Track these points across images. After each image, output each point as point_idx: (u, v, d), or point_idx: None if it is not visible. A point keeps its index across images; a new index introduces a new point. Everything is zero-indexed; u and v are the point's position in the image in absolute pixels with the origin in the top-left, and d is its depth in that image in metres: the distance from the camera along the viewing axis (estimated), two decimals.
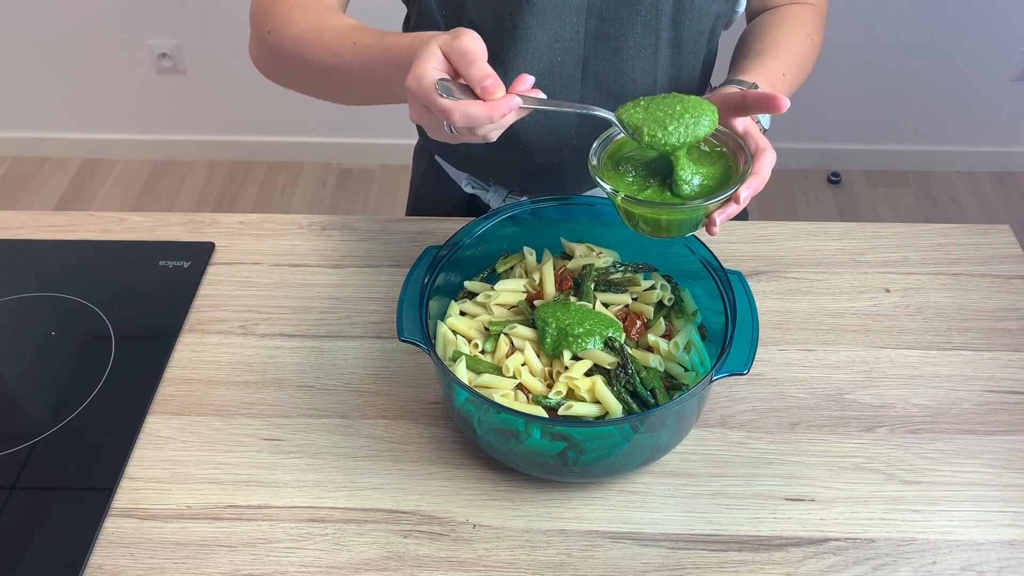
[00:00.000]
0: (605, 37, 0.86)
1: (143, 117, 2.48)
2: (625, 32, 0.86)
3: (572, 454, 0.70)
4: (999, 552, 0.71)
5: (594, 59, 0.88)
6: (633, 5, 0.84)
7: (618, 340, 0.74)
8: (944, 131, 2.35)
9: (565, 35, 0.86)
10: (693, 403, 0.71)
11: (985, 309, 0.90)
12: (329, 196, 2.44)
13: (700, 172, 0.71)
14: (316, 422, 0.81)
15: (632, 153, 0.74)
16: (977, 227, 0.99)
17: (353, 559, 0.71)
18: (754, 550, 0.71)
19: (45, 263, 0.97)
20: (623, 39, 0.86)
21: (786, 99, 0.68)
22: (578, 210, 0.85)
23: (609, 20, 0.85)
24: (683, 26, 0.87)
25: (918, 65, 2.20)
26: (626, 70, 0.89)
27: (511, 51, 0.86)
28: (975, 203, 2.33)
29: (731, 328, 0.71)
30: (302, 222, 1.01)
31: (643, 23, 0.86)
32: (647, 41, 0.87)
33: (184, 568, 0.70)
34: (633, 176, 0.72)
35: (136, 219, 1.02)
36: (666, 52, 0.89)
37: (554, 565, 0.70)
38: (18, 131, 2.54)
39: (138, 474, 0.77)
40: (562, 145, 0.94)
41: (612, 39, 0.86)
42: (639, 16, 0.85)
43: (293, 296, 0.93)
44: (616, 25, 0.85)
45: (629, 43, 0.87)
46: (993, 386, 0.77)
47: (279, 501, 0.75)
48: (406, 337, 0.70)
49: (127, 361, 0.86)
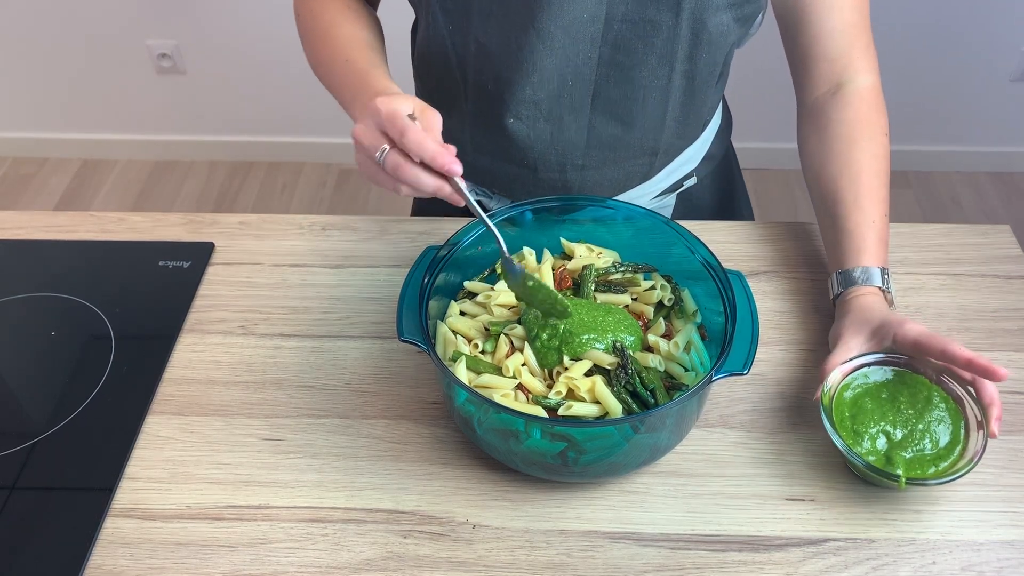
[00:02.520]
0: (618, 66, 0.85)
1: (143, 117, 2.48)
2: (639, 63, 0.85)
3: (572, 454, 0.70)
4: (999, 552, 0.71)
5: (606, 86, 0.87)
6: (650, 37, 0.83)
7: (621, 341, 0.75)
8: (944, 131, 2.35)
9: (577, 62, 0.84)
10: (693, 403, 0.71)
11: (985, 309, 0.90)
12: (329, 196, 2.44)
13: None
14: (316, 422, 0.81)
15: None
16: (977, 227, 0.99)
17: (353, 559, 0.71)
18: (754, 550, 0.71)
19: (45, 263, 0.97)
20: (637, 69, 0.85)
21: (1005, 371, 0.69)
22: (578, 211, 0.85)
23: (624, 50, 0.84)
24: (699, 59, 0.86)
25: (918, 65, 2.20)
26: (638, 98, 0.88)
27: (517, 73, 0.85)
28: (975, 203, 2.33)
29: (731, 328, 0.71)
30: (302, 222, 1.01)
31: (658, 55, 0.84)
32: (661, 72, 0.86)
33: (184, 568, 0.70)
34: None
35: (136, 219, 1.02)
36: (680, 82, 0.88)
37: (554, 565, 0.70)
38: (18, 131, 2.54)
39: (138, 474, 0.77)
40: (566, 163, 0.93)
41: (626, 68, 0.85)
42: (655, 48, 0.84)
43: (293, 296, 0.93)
44: (631, 55, 0.84)
45: (643, 73, 0.86)
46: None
47: (279, 501, 0.75)
48: (406, 337, 0.70)
49: (127, 361, 0.86)
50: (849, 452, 0.70)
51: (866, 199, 0.84)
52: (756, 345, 0.70)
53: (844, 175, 0.86)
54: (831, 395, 0.74)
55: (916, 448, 0.71)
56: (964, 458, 0.70)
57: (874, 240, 0.83)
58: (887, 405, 0.74)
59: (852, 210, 0.84)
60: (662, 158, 0.96)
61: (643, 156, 0.94)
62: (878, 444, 0.72)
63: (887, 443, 0.72)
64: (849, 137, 0.87)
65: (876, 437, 0.72)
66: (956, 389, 0.74)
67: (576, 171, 0.94)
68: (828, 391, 0.74)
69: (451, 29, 0.87)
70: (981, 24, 2.13)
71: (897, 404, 0.74)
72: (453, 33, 0.87)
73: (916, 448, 0.71)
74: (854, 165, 0.86)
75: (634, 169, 0.95)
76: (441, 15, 0.86)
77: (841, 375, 0.75)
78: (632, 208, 0.83)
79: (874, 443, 0.72)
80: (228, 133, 2.52)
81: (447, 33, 0.87)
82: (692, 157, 1.00)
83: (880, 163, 0.87)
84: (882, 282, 0.81)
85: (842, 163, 0.86)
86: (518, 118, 0.89)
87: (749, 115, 1.34)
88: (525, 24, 0.82)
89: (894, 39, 2.15)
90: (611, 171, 0.95)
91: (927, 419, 0.73)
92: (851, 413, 0.74)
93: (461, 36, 0.86)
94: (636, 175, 0.96)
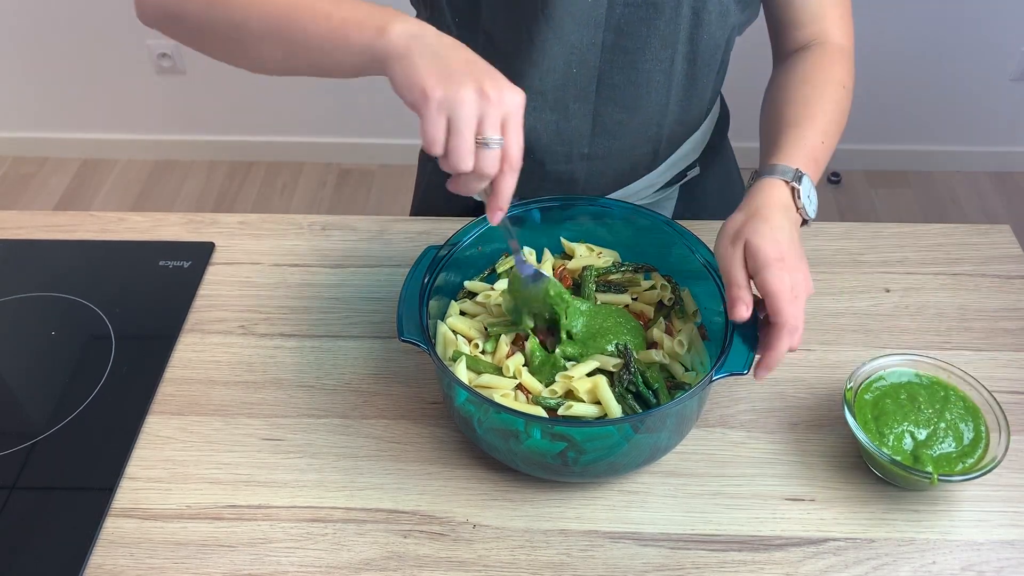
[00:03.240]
0: (622, 51, 0.85)
1: (143, 117, 2.48)
2: (642, 46, 0.85)
3: (572, 454, 0.70)
4: (999, 552, 0.71)
5: (610, 72, 0.87)
6: (652, 20, 0.83)
7: (625, 343, 0.75)
8: (944, 131, 2.35)
9: (582, 47, 0.85)
10: (693, 403, 0.71)
11: (985, 309, 0.90)
12: (329, 196, 2.44)
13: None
14: (316, 422, 0.81)
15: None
16: (977, 227, 0.99)
17: (353, 559, 0.71)
18: (754, 550, 0.71)
19: (45, 263, 0.97)
20: (640, 53, 0.85)
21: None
22: (579, 210, 0.85)
23: (627, 34, 0.84)
24: (700, 40, 0.86)
25: (918, 65, 2.20)
26: (641, 83, 0.88)
27: (525, 62, 0.85)
28: (975, 203, 2.33)
29: (731, 328, 0.71)
30: (302, 222, 1.01)
31: (661, 38, 0.85)
32: (664, 55, 0.86)
33: (184, 568, 0.70)
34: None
35: (136, 219, 1.02)
36: (682, 66, 0.88)
37: (554, 565, 0.70)
38: (18, 131, 2.54)
39: (138, 474, 0.77)
40: (573, 154, 0.93)
41: (629, 53, 0.85)
42: (657, 31, 0.84)
43: (293, 296, 0.93)
44: (634, 39, 0.84)
45: (646, 57, 0.86)
46: (993, 386, 0.77)
47: (279, 501, 0.75)
48: (406, 337, 0.70)
49: (127, 361, 0.86)
50: (878, 450, 0.71)
51: (806, 121, 0.81)
52: (756, 345, 0.70)
53: (789, 105, 0.85)
54: (855, 392, 0.75)
55: (940, 447, 0.72)
56: (988, 455, 0.71)
57: (799, 150, 0.78)
58: (908, 406, 0.74)
59: (786, 128, 0.81)
60: (666, 147, 0.96)
61: (647, 143, 0.94)
62: (904, 444, 0.73)
63: (913, 442, 0.73)
64: (803, 78, 0.87)
65: (902, 437, 0.73)
66: (973, 388, 0.75)
67: (582, 161, 0.94)
68: (851, 388, 0.75)
69: (458, 22, 0.87)
70: (981, 24, 2.13)
71: (917, 404, 0.74)
72: (460, 27, 0.87)
73: (940, 447, 0.72)
74: (800, 99, 0.85)
75: (639, 158, 0.96)
76: (448, 10, 0.86)
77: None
78: (632, 208, 0.83)
79: (900, 443, 0.73)
80: (228, 133, 2.51)
81: (454, 26, 0.87)
82: (694, 147, 1.00)
83: (828, 104, 0.84)
84: (792, 178, 0.75)
85: (789, 97, 0.86)
86: (524, 114, 0.89)
87: (745, 114, 1.34)
88: (535, 11, 0.82)
89: (894, 40, 2.15)
90: (616, 161, 0.95)
91: (948, 418, 0.74)
92: (874, 415, 0.74)
93: (469, 31, 0.86)
94: (641, 165, 0.97)
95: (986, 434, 0.73)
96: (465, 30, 0.86)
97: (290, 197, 2.44)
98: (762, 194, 0.74)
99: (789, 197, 0.74)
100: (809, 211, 0.76)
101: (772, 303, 0.67)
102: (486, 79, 0.63)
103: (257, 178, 2.50)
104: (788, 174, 0.75)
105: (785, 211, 0.73)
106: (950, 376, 0.76)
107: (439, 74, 0.62)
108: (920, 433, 0.73)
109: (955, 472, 0.70)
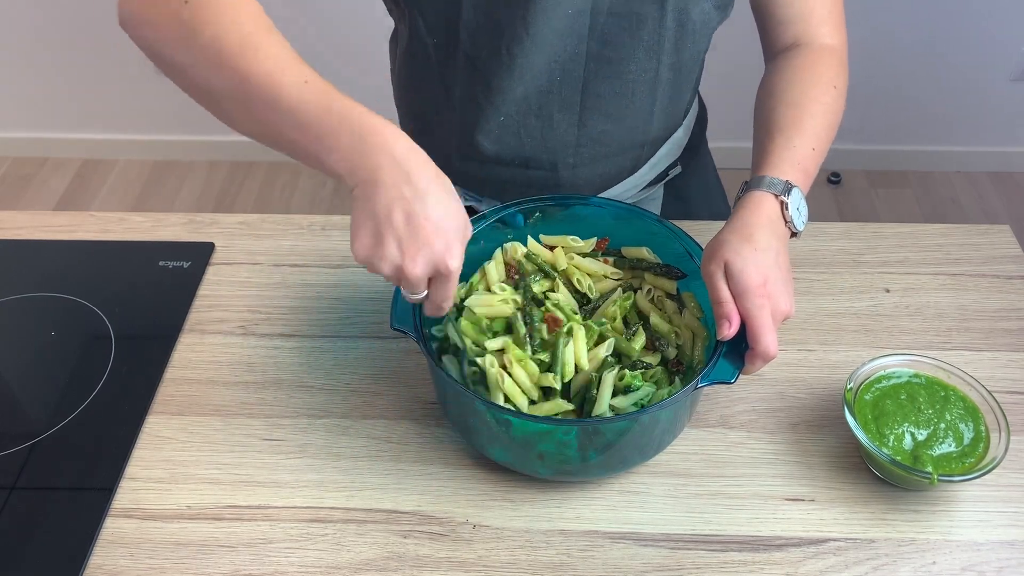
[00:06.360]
0: (607, 61, 0.85)
1: (143, 117, 2.48)
2: (627, 56, 0.85)
3: (573, 452, 0.70)
4: (999, 552, 0.71)
5: (595, 82, 0.86)
6: (636, 30, 0.83)
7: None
8: (944, 131, 2.35)
9: (565, 58, 0.84)
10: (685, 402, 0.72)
11: (985, 309, 0.90)
12: (329, 196, 2.43)
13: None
14: (316, 422, 0.81)
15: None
16: (977, 227, 0.99)
17: (353, 559, 0.71)
18: (754, 550, 0.71)
19: (45, 263, 0.97)
20: (624, 63, 0.85)
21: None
22: (569, 209, 0.85)
23: (611, 44, 0.83)
24: (684, 49, 0.86)
25: (918, 65, 2.20)
26: (626, 93, 0.87)
27: (507, 80, 0.84)
28: (975, 203, 2.33)
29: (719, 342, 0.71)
30: (302, 222, 1.01)
31: (645, 48, 0.84)
32: (649, 65, 0.86)
33: (184, 568, 0.70)
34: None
35: (136, 219, 1.02)
36: (667, 75, 0.88)
37: (554, 565, 0.70)
38: (18, 131, 2.54)
39: (138, 474, 0.77)
40: (558, 162, 0.93)
41: (614, 63, 0.85)
42: (641, 41, 0.84)
43: (293, 296, 0.93)
44: (618, 49, 0.84)
45: (631, 67, 0.85)
46: (993, 386, 0.77)
47: (279, 501, 0.75)
48: (397, 326, 0.70)
49: (127, 361, 0.86)
50: (878, 450, 0.71)
51: (794, 127, 0.80)
52: (742, 360, 0.70)
53: (777, 109, 0.83)
54: (855, 392, 0.75)
55: (940, 447, 0.72)
56: (988, 455, 0.71)
57: (787, 160, 0.78)
58: (908, 406, 0.75)
59: (775, 135, 0.81)
60: (648, 150, 0.96)
61: (632, 150, 0.94)
62: (904, 444, 0.73)
63: (913, 443, 0.73)
64: (792, 79, 0.86)
65: (902, 437, 0.73)
66: (973, 388, 0.75)
67: (567, 169, 0.94)
68: (851, 388, 0.75)
69: (435, 43, 0.86)
70: (981, 24, 2.12)
71: (917, 404, 0.75)
72: (438, 48, 0.86)
73: (940, 447, 0.72)
74: (788, 102, 0.83)
75: (623, 163, 0.96)
76: (424, 30, 0.86)
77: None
78: (632, 207, 0.83)
79: (900, 443, 0.73)
80: (228, 133, 2.49)
81: (431, 47, 0.86)
82: (676, 146, 1.01)
83: (817, 107, 0.83)
84: (780, 191, 0.75)
85: (777, 101, 0.84)
86: (508, 121, 0.89)
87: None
88: (518, 33, 0.81)
89: (894, 40, 2.15)
90: (601, 166, 0.95)
91: (948, 418, 0.74)
92: (874, 415, 0.75)
93: (446, 52, 0.85)
94: (625, 169, 0.97)
95: (986, 434, 0.73)
96: (442, 52, 0.86)
97: (290, 197, 2.44)
98: (748, 210, 0.74)
99: (778, 211, 0.74)
100: (797, 224, 0.75)
101: (750, 331, 0.69)
102: (419, 256, 0.63)
103: (257, 178, 2.50)
104: (777, 187, 0.75)
105: (772, 227, 0.73)
106: (950, 376, 0.76)
107: (369, 237, 0.65)
108: (920, 433, 0.73)
109: (955, 472, 0.70)
